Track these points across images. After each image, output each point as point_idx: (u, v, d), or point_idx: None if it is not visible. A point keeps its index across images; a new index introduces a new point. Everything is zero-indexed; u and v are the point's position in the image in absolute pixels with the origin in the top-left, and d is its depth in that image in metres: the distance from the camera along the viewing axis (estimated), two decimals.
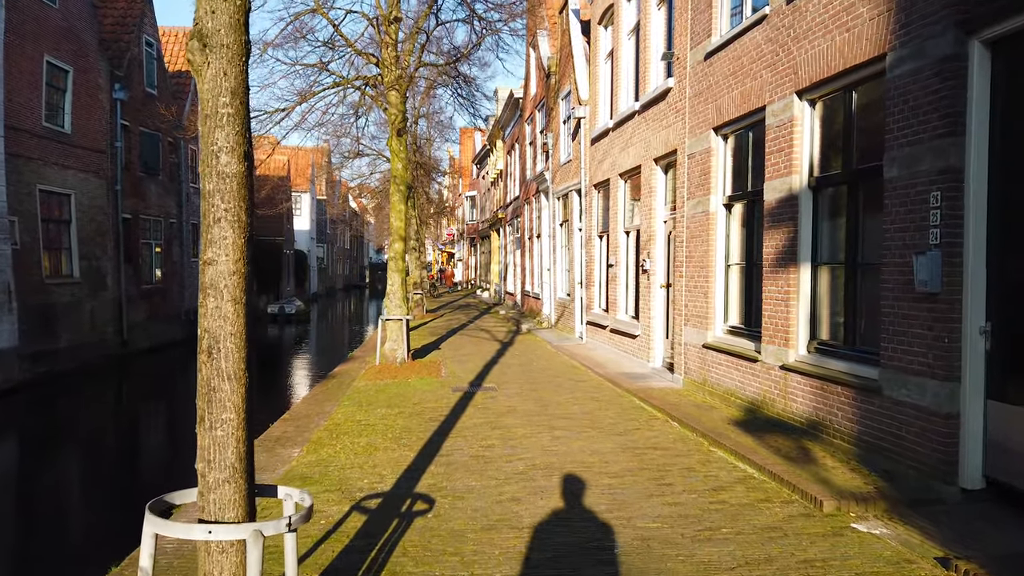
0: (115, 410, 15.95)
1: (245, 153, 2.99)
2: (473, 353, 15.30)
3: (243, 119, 2.98)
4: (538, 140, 22.78)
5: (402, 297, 13.32)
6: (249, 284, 2.99)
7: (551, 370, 12.81)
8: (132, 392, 18.18)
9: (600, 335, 15.09)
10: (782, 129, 7.88)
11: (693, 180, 10.24)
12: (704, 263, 9.85)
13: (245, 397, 2.94)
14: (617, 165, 13.84)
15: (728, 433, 7.62)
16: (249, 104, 3.09)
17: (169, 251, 24.00)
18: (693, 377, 10.18)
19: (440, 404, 9.78)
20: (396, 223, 13.35)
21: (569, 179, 17.98)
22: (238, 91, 2.98)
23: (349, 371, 13.24)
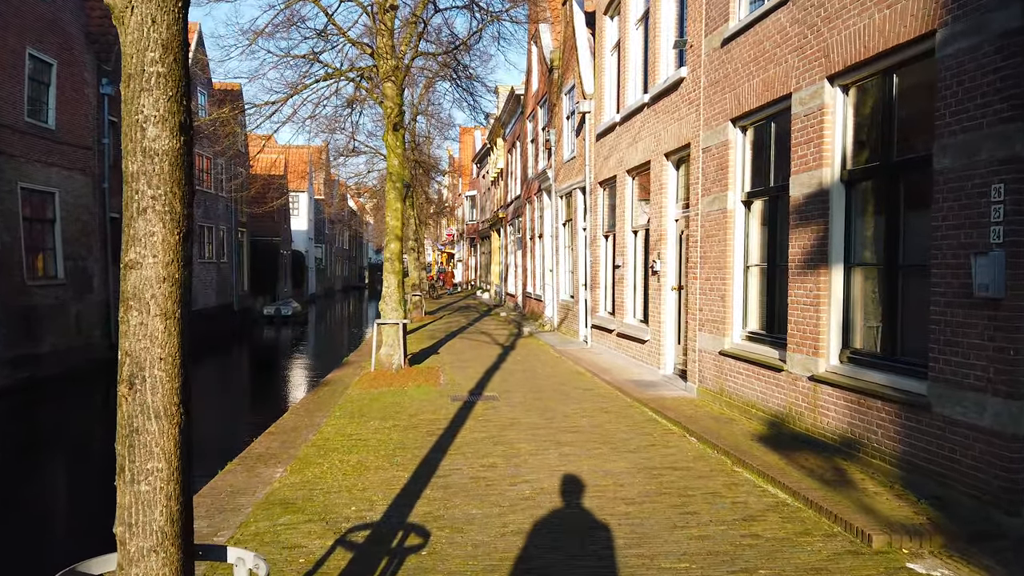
0: (98, 417, 15.24)
1: (181, 125, 2.32)
2: (473, 358, 14.63)
3: (178, 81, 2.31)
4: (540, 137, 22.11)
5: (398, 300, 12.66)
6: (186, 293, 2.32)
7: (556, 377, 12.14)
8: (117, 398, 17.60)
9: (606, 339, 14.42)
10: (811, 118, 7.21)
11: (708, 175, 9.57)
12: (721, 264, 9.18)
13: (180, 440, 2.28)
14: (624, 161, 13.18)
15: (752, 451, 6.95)
16: (188, 64, 2.41)
17: None
18: (708, 386, 9.51)
19: (438, 416, 9.11)
20: (392, 222, 12.69)
21: (573, 177, 17.31)
22: (172, 45, 2.31)
23: (343, 378, 12.57)
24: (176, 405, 2.27)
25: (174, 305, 2.26)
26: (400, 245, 12.75)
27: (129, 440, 2.21)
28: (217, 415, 15.38)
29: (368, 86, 12.99)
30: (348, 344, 28.52)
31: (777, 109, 8.06)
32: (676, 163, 11.19)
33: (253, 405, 16.63)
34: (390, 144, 12.57)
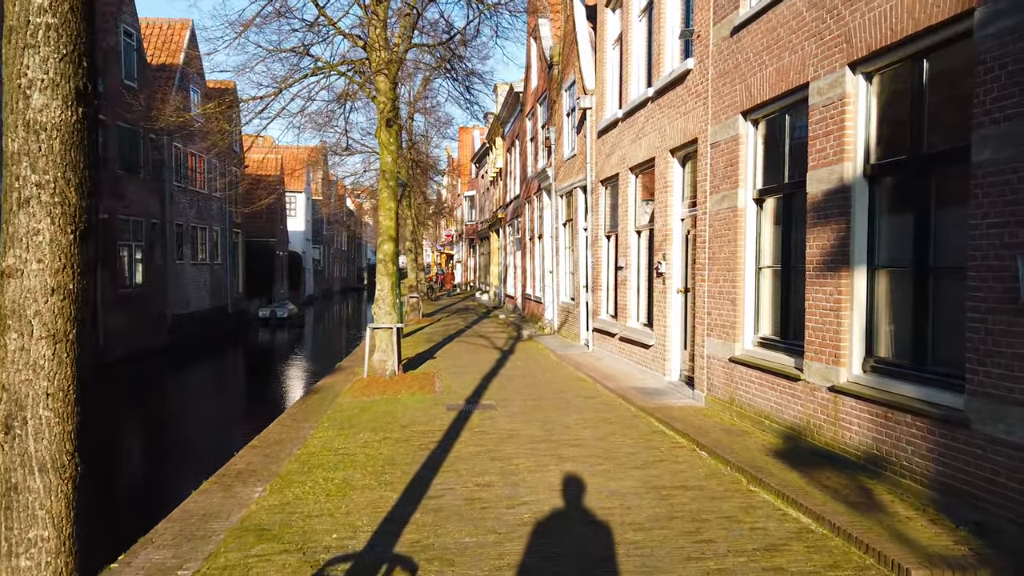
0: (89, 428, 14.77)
1: (78, 92, 1.80)
2: (471, 363, 14.12)
3: (75, 35, 1.80)
4: (540, 135, 21.60)
5: (392, 303, 12.15)
6: (82, 309, 1.81)
7: (556, 383, 11.63)
8: (98, 408, 16.90)
9: (608, 343, 13.90)
10: (830, 109, 6.70)
11: (717, 172, 9.07)
12: (731, 266, 8.67)
13: (73, 500, 1.75)
14: (627, 158, 12.67)
15: (769, 467, 6.44)
16: (93, 15, 1.90)
17: (151, 254, 22.79)
18: (718, 395, 8.99)
19: (432, 427, 8.59)
20: (386, 222, 12.18)
21: (573, 175, 16.81)
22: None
23: (334, 385, 12.06)
24: (68, 454, 1.77)
25: (66, 324, 1.75)
26: (394, 246, 12.25)
27: (6, 501, 1.70)
28: (203, 423, 14.92)
29: (360, 80, 12.47)
30: (346, 347, 28.02)
31: (792, 100, 7.55)
32: (682, 160, 10.69)
33: (243, 412, 16.13)
34: (383, 141, 12.06)
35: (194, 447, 13.05)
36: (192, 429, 14.60)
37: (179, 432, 14.59)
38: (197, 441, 13.39)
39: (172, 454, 12.78)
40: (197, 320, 26.50)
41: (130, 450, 12.96)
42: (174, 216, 24.89)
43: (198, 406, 16.59)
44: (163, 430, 14.71)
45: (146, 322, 22.20)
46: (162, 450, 13.20)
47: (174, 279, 24.87)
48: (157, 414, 15.88)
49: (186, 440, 13.90)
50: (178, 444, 13.66)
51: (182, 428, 14.89)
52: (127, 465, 12.13)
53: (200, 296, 27.49)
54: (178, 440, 13.92)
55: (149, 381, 19.19)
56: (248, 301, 34.13)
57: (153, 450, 13.29)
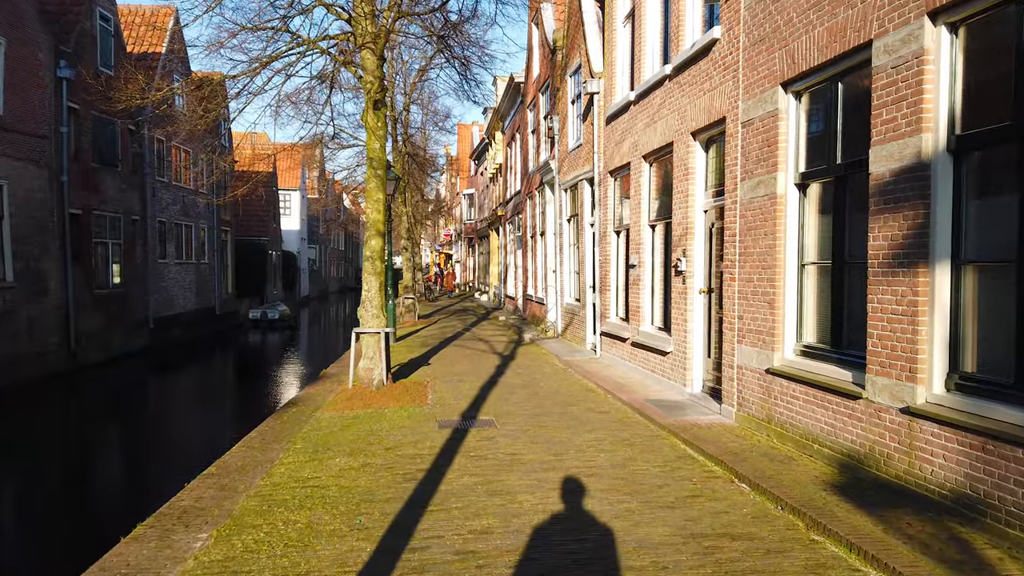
0: (28, 446, 13.38)
1: None
2: (468, 371, 12.92)
3: None
4: (542, 127, 20.40)
5: (380, 305, 10.94)
6: None
7: (563, 394, 10.43)
8: (64, 417, 15.61)
9: (618, 349, 12.70)
10: (903, 70, 5.50)
11: (750, 155, 7.87)
12: (768, 262, 7.47)
13: None
14: (640, 145, 11.47)
15: (831, 508, 5.24)
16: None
17: (131, 251, 21.55)
18: (751, 411, 7.79)
19: (421, 449, 7.39)
20: (373, 215, 10.97)
21: (579, 167, 15.61)
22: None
23: (315, 396, 10.85)
24: None
25: None
26: (383, 242, 11.04)
27: None
28: (171, 437, 13.65)
29: (343, 58, 11.26)
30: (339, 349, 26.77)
31: (848, 64, 6.36)
32: (705, 143, 9.49)
33: (218, 424, 14.84)
34: (370, 125, 10.86)
35: (156, 467, 11.73)
36: (158, 445, 13.27)
37: (142, 448, 13.18)
38: (161, 460, 12.05)
39: (129, 476, 11.43)
40: (181, 322, 25.26)
41: (83, 470, 11.57)
42: (156, 212, 23.64)
43: (170, 417, 15.29)
44: (127, 446, 13.37)
45: (124, 324, 20.95)
46: (120, 471, 11.79)
47: (156, 279, 23.63)
48: (124, 427, 14.52)
49: (148, 458, 12.51)
50: (138, 464, 12.23)
51: (147, 444, 13.50)
52: (74, 490, 10.77)
53: (185, 297, 26.25)
54: (138, 459, 12.52)
55: (122, 388, 17.87)
56: (238, 302, 32.89)
57: (109, 471, 11.84)
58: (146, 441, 13.62)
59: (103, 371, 18.88)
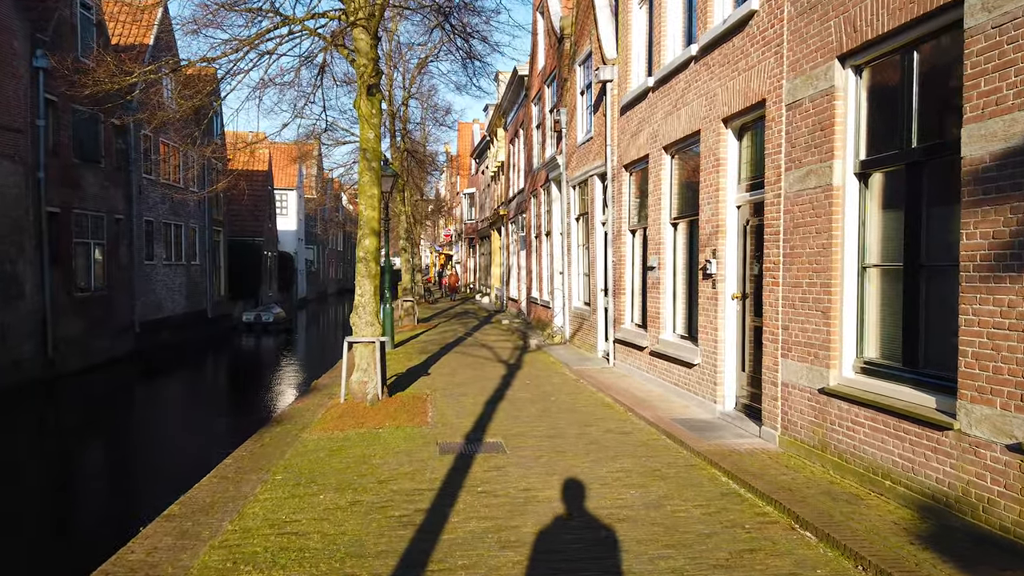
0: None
1: None
2: (471, 381, 11.90)
3: None
4: (548, 121, 19.39)
5: (374, 311, 9.91)
6: None
7: (578, 410, 9.41)
8: (27, 432, 14.35)
9: (635, 358, 11.68)
10: (1011, 29, 4.48)
11: (797, 141, 6.85)
12: (821, 264, 6.45)
13: None
14: (660, 135, 10.46)
15: (926, 570, 4.21)
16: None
17: (115, 252, 20.48)
18: (800, 436, 6.77)
19: (420, 482, 6.37)
20: (368, 212, 9.95)
21: (589, 162, 14.59)
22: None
23: (303, 412, 9.83)
24: None
25: None
26: (378, 241, 10.02)
27: None
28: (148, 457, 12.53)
29: (335, 40, 10.23)
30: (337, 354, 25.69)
31: (928, 29, 5.34)
32: (738, 130, 8.48)
33: (201, 440, 13.66)
34: (363, 112, 9.84)
35: (120, 495, 10.36)
36: (127, 466, 12.00)
37: (109, 471, 11.64)
38: (128, 485, 10.76)
39: (87, 508, 9.77)
40: (170, 326, 24.19)
41: (35, 499, 10.15)
42: (142, 211, 22.58)
43: (145, 433, 14.10)
44: (91, 468, 11.88)
45: (108, 329, 19.88)
46: (78, 501, 9.99)
47: (143, 281, 22.56)
48: (92, 444, 13.24)
49: (114, 483, 10.98)
50: (100, 492, 10.33)
51: (115, 464, 12.12)
52: (14, 530, 9.49)
53: (174, 299, 25.18)
54: (102, 484, 10.84)
55: (98, 399, 16.73)
56: (232, 304, 31.82)
57: (64, 501, 9.89)
58: (114, 461, 12.46)
59: (82, 379, 17.80)
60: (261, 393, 17.66)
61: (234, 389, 19.72)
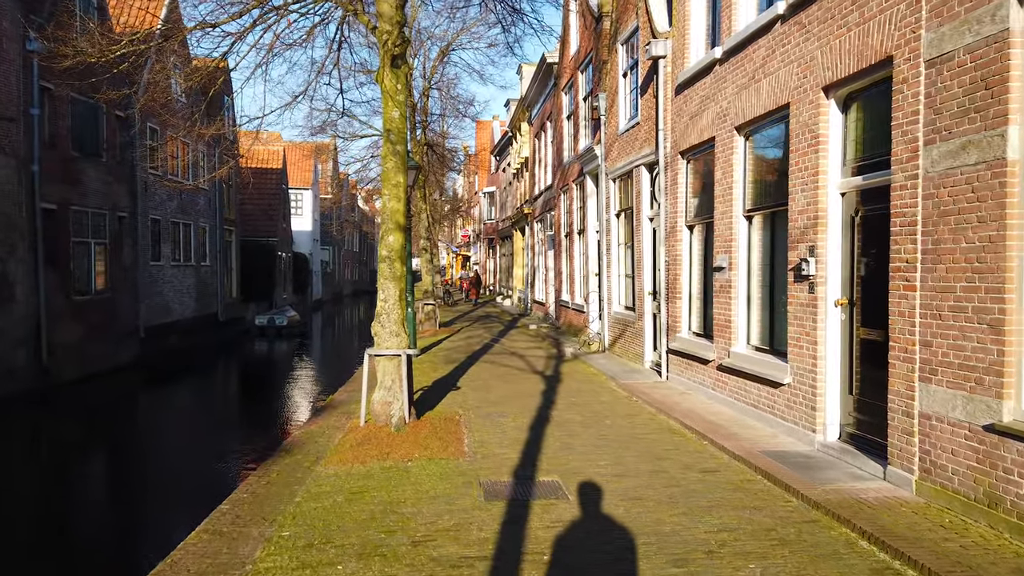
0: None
1: None
2: (508, 397, 10.46)
3: None
4: (581, 110, 17.94)
5: (399, 318, 8.48)
6: None
7: (641, 437, 7.95)
8: (19, 448, 12.89)
9: (695, 372, 10.19)
10: None
11: (946, 106, 5.35)
12: (987, 262, 4.96)
13: None
14: (732, 113, 8.97)
15: None
16: None
17: (118, 253, 19.19)
18: (952, 484, 5.26)
19: (466, 545, 4.93)
20: (392, 203, 8.53)
21: (634, 151, 13.12)
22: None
23: (316, 436, 8.42)
24: None
25: None
26: (403, 238, 8.60)
27: None
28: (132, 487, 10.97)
29: (352, 7, 8.81)
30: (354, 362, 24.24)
31: None
32: (843, 101, 6.98)
33: (196, 465, 11.98)
34: (387, 87, 8.42)
35: (94, 547, 8.50)
36: (112, 502, 10.26)
37: (90, 507, 9.48)
38: (109, 527, 9.05)
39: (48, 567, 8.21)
40: (178, 330, 22.89)
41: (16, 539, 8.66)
42: (148, 209, 21.27)
43: (141, 455, 12.51)
44: (72, 502, 9.78)
45: (110, 334, 18.57)
46: (44, 550, 8.30)
47: (149, 283, 21.26)
48: (79, 468, 11.49)
49: (92, 524, 9.01)
50: (70, 543, 8.46)
51: (98, 498, 10.12)
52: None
53: (183, 302, 23.88)
54: (77, 527, 8.94)
55: (94, 412, 15.28)
56: (244, 307, 30.53)
57: (21, 553, 7.89)
58: (99, 493, 10.71)
59: (80, 389, 16.46)
60: (272, 407, 16.08)
61: (243, 401, 18.25)
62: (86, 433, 13.72)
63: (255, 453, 10.83)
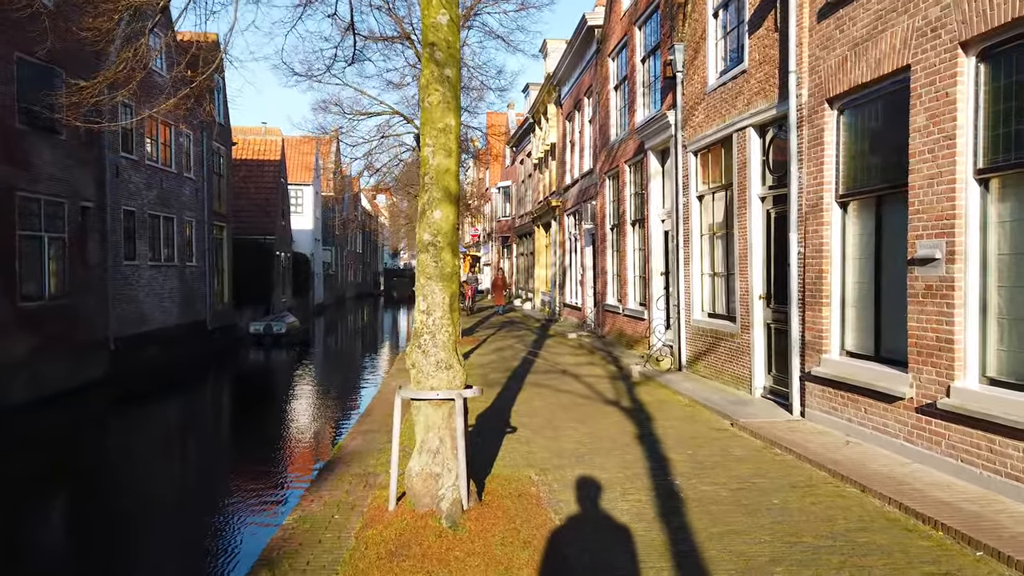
0: None
1: None
2: (589, 447, 7.35)
3: None
4: (640, 74, 14.82)
5: (449, 341, 5.36)
6: None
7: (855, 540, 4.84)
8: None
9: (865, 412, 7.06)
10: None
11: None
12: None
13: None
14: (951, 25, 5.85)
15: None
16: None
17: (81, 250, 16.02)
18: None
19: None
20: (438, 159, 5.41)
21: (735, 109, 10.00)
22: None
23: (319, 526, 5.29)
24: None
25: None
26: (455, 213, 5.48)
27: None
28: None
29: None
30: (363, 376, 21.10)
31: None
32: None
33: (142, 550, 8.99)
34: None
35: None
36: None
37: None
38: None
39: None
40: (157, 341, 19.69)
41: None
42: (120, 199, 18.09)
43: (76, 524, 9.45)
44: None
45: (70, 348, 15.43)
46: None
47: (121, 286, 18.07)
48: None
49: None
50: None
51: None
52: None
53: (164, 309, 20.67)
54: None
55: (39, 447, 12.18)
56: (237, 313, 27.36)
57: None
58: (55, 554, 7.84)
59: (25, 416, 13.26)
60: (258, 456, 11.80)
61: (227, 435, 14.60)
62: (17, 480, 10.47)
63: (231, 521, 7.62)
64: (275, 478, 10.57)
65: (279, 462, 11.46)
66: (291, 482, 10.13)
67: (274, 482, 10.37)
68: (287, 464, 11.32)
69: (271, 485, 10.23)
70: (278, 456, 11.80)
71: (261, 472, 10.85)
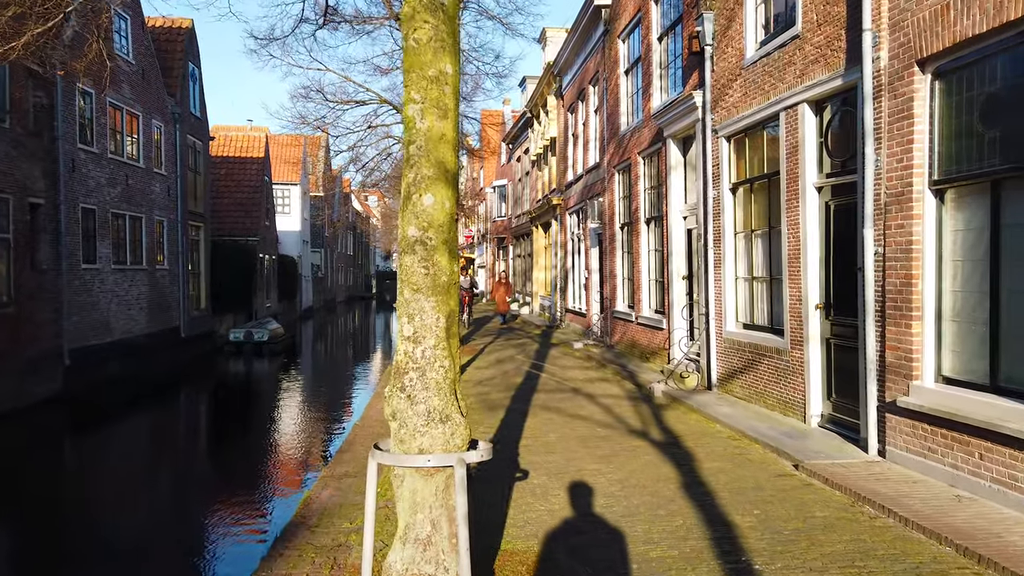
0: None
1: None
2: (625, 504, 5.76)
3: None
4: (656, 54, 13.25)
5: (446, 380, 3.73)
6: None
7: None
8: None
9: (977, 458, 5.49)
10: None
11: None
12: None
13: None
14: None
15: None
16: None
17: (29, 251, 14.32)
18: None
19: None
20: (428, 121, 3.82)
21: (783, 83, 8.43)
22: None
23: None
24: None
25: None
26: (453, 197, 3.88)
27: None
28: None
29: None
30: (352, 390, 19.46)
31: None
32: None
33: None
34: None
35: None
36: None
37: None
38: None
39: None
40: (121, 352, 17.94)
41: None
42: (77, 195, 16.37)
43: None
44: None
45: (14, 362, 13.73)
46: None
47: (78, 291, 16.35)
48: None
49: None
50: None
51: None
52: None
53: (130, 316, 18.94)
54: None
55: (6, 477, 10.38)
56: (216, 319, 25.66)
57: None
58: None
59: None
60: (209, 499, 9.82)
61: (172, 478, 11.58)
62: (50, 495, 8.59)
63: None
64: (216, 555, 8.01)
65: (225, 525, 8.79)
66: (236, 558, 7.60)
67: (211, 563, 7.84)
68: (236, 526, 8.69)
69: (242, 517, 8.42)
70: (227, 515, 9.09)
71: (202, 539, 8.44)
